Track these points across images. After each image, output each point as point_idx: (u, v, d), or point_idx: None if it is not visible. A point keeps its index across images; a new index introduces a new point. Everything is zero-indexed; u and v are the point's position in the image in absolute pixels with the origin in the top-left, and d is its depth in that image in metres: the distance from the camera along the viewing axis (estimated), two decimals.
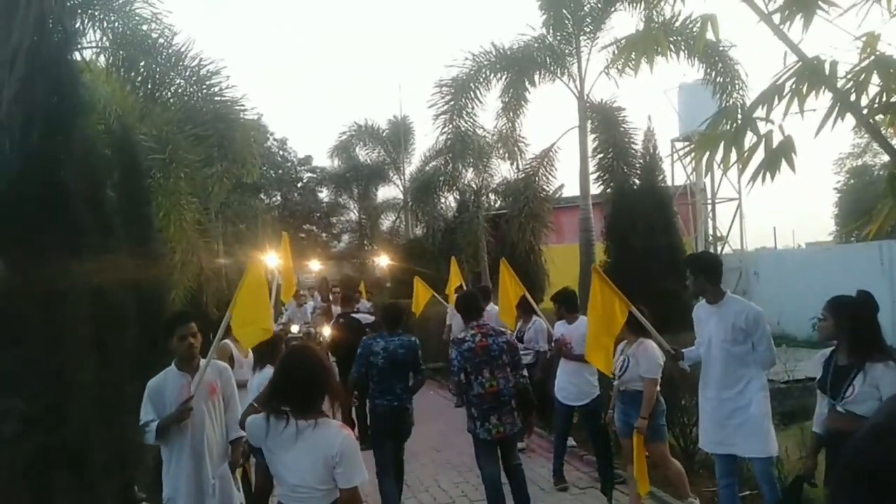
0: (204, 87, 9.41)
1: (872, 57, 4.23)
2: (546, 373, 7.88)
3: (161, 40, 8.99)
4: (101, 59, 9.04)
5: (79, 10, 7.85)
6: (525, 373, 5.70)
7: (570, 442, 7.53)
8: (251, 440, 3.52)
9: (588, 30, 13.14)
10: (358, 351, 6.14)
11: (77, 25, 7.88)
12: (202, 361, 4.46)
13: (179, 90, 9.32)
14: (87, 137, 4.14)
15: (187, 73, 9.23)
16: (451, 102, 13.59)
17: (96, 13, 8.41)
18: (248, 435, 3.56)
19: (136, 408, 4.26)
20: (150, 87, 8.89)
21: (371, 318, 9.64)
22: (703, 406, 5.06)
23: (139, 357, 4.62)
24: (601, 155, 13.06)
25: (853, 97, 4.36)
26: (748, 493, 5.51)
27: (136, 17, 8.87)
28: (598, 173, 13.13)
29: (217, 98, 9.58)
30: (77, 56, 8.13)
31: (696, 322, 5.16)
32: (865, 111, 4.38)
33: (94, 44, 8.68)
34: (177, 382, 4.30)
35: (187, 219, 8.48)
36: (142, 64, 8.84)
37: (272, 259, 19.22)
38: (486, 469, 5.51)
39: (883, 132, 4.82)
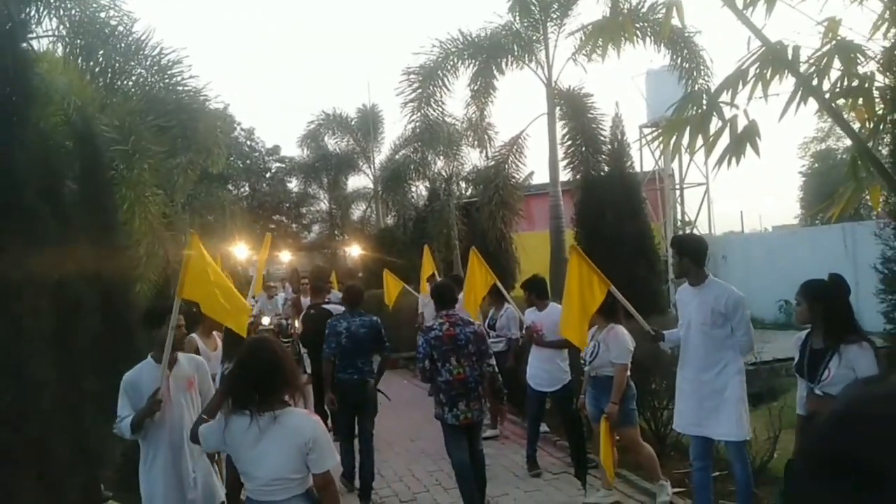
0: (166, 76, 9.19)
1: (834, 42, 4.29)
2: (518, 360, 7.91)
3: (120, 28, 8.74)
4: (59, 48, 8.79)
5: None
6: (493, 361, 5.80)
7: (543, 428, 7.57)
8: (206, 448, 3.47)
9: (555, 16, 13.13)
10: (325, 332, 6.69)
11: (31, 13, 7.63)
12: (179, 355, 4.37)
13: (140, 80, 9.08)
14: (42, 128, 4.02)
15: (148, 63, 9.00)
16: (419, 90, 13.51)
17: (52, 0, 8.15)
18: (203, 444, 3.49)
19: (99, 403, 4.17)
20: (109, 76, 8.64)
21: (342, 309, 9.53)
22: (680, 387, 5.09)
23: (102, 351, 4.52)
24: (570, 142, 13.10)
25: (815, 82, 4.41)
26: (717, 473, 5.59)
27: (94, 5, 8.60)
28: (567, 160, 13.16)
29: (180, 88, 9.37)
30: (34, 44, 7.91)
31: (679, 304, 5.20)
32: (828, 95, 4.45)
33: (50, 32, 8.42)
34: (153, 375, 4.18)
35: (152, 211, 8.28)
36: (101, 53, 8.58)
37: (242, 251, 18.96)
38: (455, 454, 5.66)
39: (844, 116, 4.91)
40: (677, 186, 21.21)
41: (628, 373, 5.76)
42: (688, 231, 21.27)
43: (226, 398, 3.30)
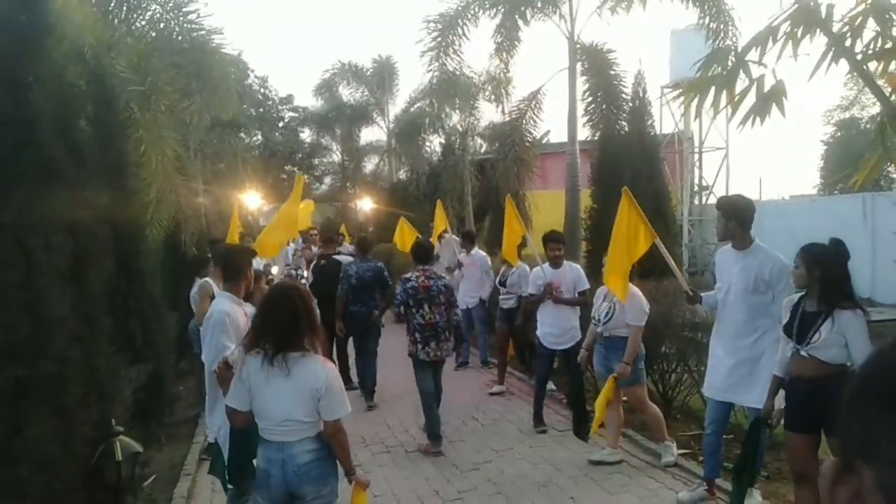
0: (181, 14, 9.02)
1: (870, 1, 4.14)
2: (527, 317, 7.90)
3: None
4: None
5: None
6: (458, 311, 6.98)
7: (550, 386, 7.60)
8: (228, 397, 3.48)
9: None
10: (340, 275, 8.28)
11: None
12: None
13: (155, 17, 8.93)
14: (57, 63, 3.95)
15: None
16: (439, 39, 13.22)
17: None
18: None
19: (113, 340, 4.21)
20: (124, 13, 8.49)
21: (352, 260, 9.54)
22: (713, 351, 5.00)
23: (114, 292, 4.53)
24: (590, 98, 12.85)
25: (848, 42, 4.28)
26: (723, 436, 5.61)
27: None
28: (587, 118, 12.94)
29: (195, 26, 9.19)
30: None
31: (718, 267, 5.08)
32: (860, 57, 4.31)
33: None
34: (238, 311, 4.22)
35: (168, 154, 8.23)
36: None
37: (254, 199, 18.94)
38: (422, 384, 6.65)
39: (876, 80, 4.76)
40: (696, 150, 20.92)
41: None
42: (704, 196, 21.10)
43: (252, 339, 3.35)
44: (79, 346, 3.76)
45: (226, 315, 4.07)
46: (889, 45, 4.34)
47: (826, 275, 3.99)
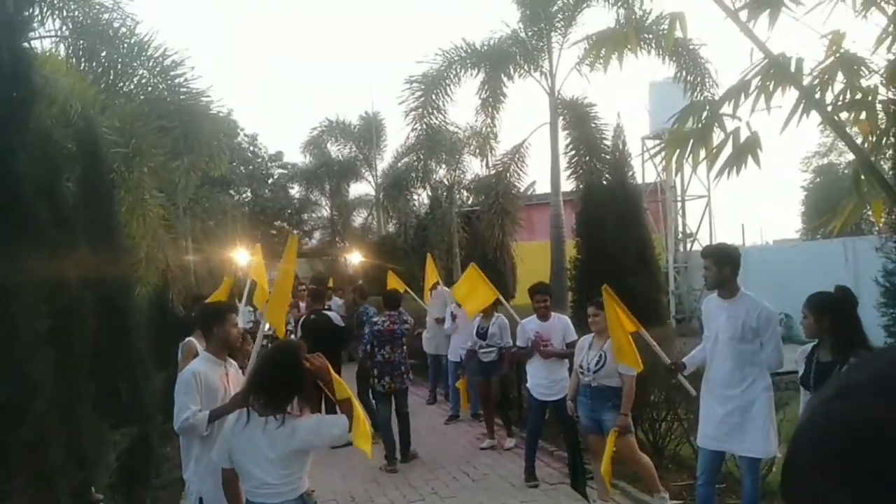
0: (168, 77, 9.18)
1: (838, 55, 4.29)
2: (518, 368, 7.85)
3: (123, 29, 8.74)
4: (62, 49, 8.78)
5: None
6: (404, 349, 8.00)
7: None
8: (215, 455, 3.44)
9: (559, 25, 13.15)
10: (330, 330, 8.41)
11: (35, 13, 7.63)
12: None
13: (143, 81, 9.07)
14: (44, 128, 4.01)
15: (151, 64, 8.98)
16: (422, 98, 13.50)
17: (55, 0, 8.15)
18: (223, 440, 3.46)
19: (98, 402, 4.15)
20: (111, 77, 8.64)
21: (341, 322, 9.38)
22: (705, 400, 4.95)
23: (100, 354, 4.50)
24: (573, 151, 13.10)
25: (818, 94, 4.41)
26: (716, 486, 5.55)
27: (97, 6, 8.60)
28: (570, 170, 13.16)
29: (182, 89, 9.35)
30: (36, 45, 7.91)
31: (705, 316, 5.09)
32: (830, 108, 4.44)
33: (52, 33, 8.42)
34: (216, 370, 4.11)
35: (151, 214, 8.27)
36: (103, 54, 8.58)
37: (243, 257, 18.98)
38: (381, 412, 7.73)
39: (847, 129, 4.89)
40: (679, 198, 21.20)
41: None
42: (688, 243, 21.29)
43: (244, 397, 3.34)
44: (59, 412, 3.71)
45: (193, 375, 3.97)
46: (858, 96, 4.49)
47: (836, 323, 3.98)
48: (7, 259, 3.41)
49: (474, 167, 19.39)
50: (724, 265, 4.85)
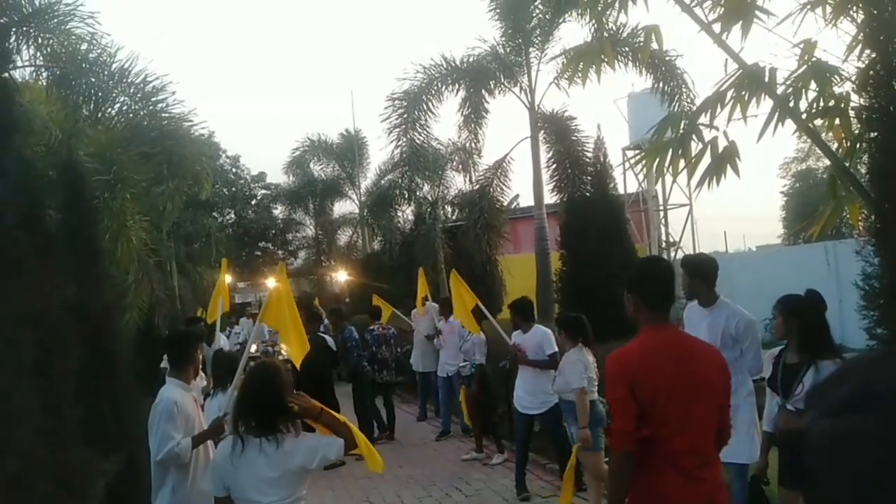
0: (150, 103, 9.19)
1: (810, 63, 4.38)
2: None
3: (103, 57, 8.74)
4: (42, 77, 8.76)
5: (12, 28, 7.56)
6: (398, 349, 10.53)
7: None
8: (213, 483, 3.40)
9: (537, 41, 13.29)
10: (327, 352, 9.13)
11: (11, 43, 7.61)
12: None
13: (124, 107, 9.08)
14: (23, 157, 4.00)
15: (132, 90, 8.99)
16: (405, 115, 13.57)
17: (31, 31, 8.13)
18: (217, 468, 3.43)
19: (84, 429, 4.11)
20: (92, 105, 8.64)
21: (333, 346, 9.40)
22: None
23: (85, 381, 4.46)
24: (555, 164, 13.19)
25: (792, 103, 4.49)
26: None
27: (74, 36, 8.60)
28: (552, 183, 13.25)
29: (164, 114, 9.36)
30: (16, 74, 7.88)
31: (687, 324, 5.12)
32: (805, 116, 4.53)
33: (29, 63, 8.40)
34: (187, 396, 4.12)
35: (135, 240, 8.24)
36: (83, 82, 8.58)
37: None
38: (371, 401, 9.71)
39: (822, 136, 4.98)
40: (661, 207, 21.39)
41: (595, 396, 5.73)
42: (672, 252, 21.45)
43: (234, 422, 3.31)
44: (46, 441, 3.67)
45: (174, 404, 3.96)
46: (831, 104, 4.58)
47: (804, 325, 4.02)
48: None
49: (457, 182, 19.45)
50: (694, 276, 4.90)
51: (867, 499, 0.64)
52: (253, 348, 8.61)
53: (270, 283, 26.39)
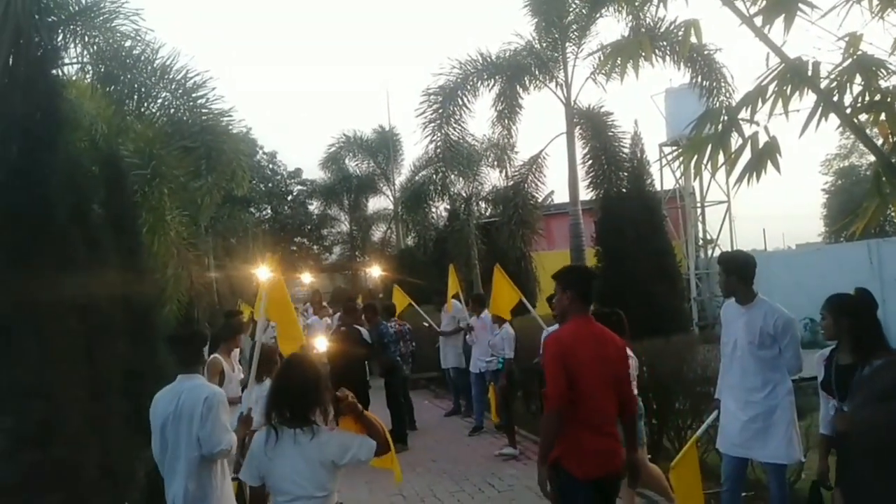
0: (190, 99, 9.37)
1: (855, 57, 4.28)
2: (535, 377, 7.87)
3: (146, 53, 8.95)
4: (88, 73, 9.00)
5: (60, 27, 7.78)
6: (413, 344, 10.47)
7: None
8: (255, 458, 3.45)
9: (574, 36, 13.20)
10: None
11: (59, 41, 7.83)
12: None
13: (166, 103, 9.28)
14: (72, 153, 4.11)
15: (173, 86, 9.18)
16: (440, 110, 13.59)
17: (78, 29, 8.36)
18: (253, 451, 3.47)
19: (128, 422, 4.22)
20: (135, 101, 8.84)
21: (369, 338, 9.47)
22: (726, 406, 4.91)
23: (129, 372, 4.57)
24: (591, 161, 13.10)
25: (836, 97, 4.40)
26: (745, 494, 5.49)
27: (119, 33, 8.81)
28: (588, 179, 13.16)
29: (205, 110, 9.54)
30: (61, 72, 8.10)
31: (724, 321, 5.06)
32: (849, 111, 4.43)
33: (76, 60, 8.65)
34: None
35: (172, 234, 8.42)
36: (127, 78, 8.79)
37: (263, 273, 19.11)
38: (404, 388, 9.89)
39: (867, 131, 4.87)
40: (698, 204, 21.06)
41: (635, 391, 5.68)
42: (709, 249, 21.12)
43: (268, 413, 3.36)
44: (93, 430, 3.78)
45: (224, 395, 4.07)
46: (877, 98, 4.48)
47: (855, 325, 3.94)
48: (41, 280, 3.49)
49: (492, 178, 19.41)
50: (730, 273, 4.83)
51: None
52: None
53: (306, 278, 26.71)
